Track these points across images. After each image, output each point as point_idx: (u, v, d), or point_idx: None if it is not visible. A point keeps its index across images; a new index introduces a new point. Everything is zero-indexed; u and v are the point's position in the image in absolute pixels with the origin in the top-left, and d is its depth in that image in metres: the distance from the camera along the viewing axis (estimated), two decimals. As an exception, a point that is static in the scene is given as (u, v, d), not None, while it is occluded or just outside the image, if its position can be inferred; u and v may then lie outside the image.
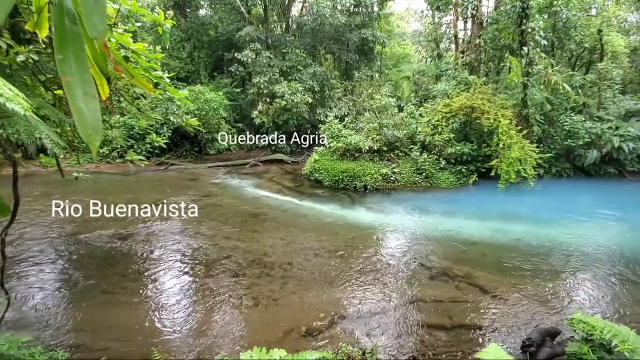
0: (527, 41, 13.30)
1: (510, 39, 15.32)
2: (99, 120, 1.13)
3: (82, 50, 1.18)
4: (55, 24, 1.15)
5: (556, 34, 17.38)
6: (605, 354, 3.65)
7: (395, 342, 4.44)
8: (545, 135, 14.06)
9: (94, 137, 1.11)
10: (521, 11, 13.23)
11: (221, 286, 5.70)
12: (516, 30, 13.85)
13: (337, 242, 7.58)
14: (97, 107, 1.12)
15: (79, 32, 1.16)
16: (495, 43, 16.82)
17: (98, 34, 1.12)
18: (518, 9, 13.32)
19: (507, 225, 8.80)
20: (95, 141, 1.11)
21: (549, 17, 16.97)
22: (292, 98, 16.53)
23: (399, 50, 29.25)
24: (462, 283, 5.84)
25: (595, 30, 18.26)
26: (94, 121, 1.11)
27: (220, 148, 17.68)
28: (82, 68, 1.15)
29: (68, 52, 1.13)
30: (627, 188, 13.09)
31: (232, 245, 7.28)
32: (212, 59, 21.33)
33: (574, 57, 20.49)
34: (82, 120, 1.10)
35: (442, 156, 12.94)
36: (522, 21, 13.29)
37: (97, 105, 1.12)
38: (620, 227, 9.16)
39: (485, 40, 16.82)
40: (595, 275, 6.23)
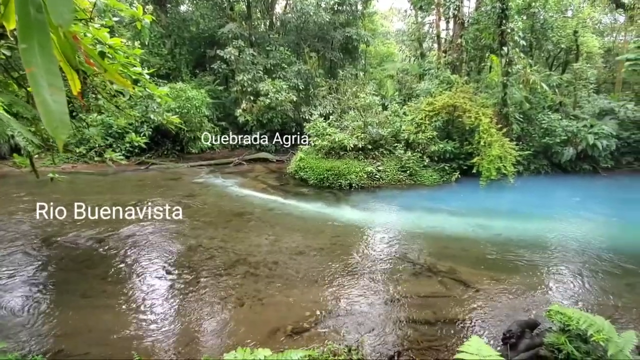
0: (506, 41, 13.64)
1: (490, 39, 15.69)
2: (66, 113, 1.06)
3: (48, 40, 1.12)
4: (19, 12, 1.08)
5: (534, 34, 17.91)
6: (582, 343, 3.78)
7: (380, 338, 4.46)
8: (524, 133, 14.46)
9: (60, 130, 1.04)
10: (501, 12, 13.55)
11: (205, 287, 5.60)
12: (496, 30, 14.18)
13: (322, 240, 7.57)
14: (63, 99, 1.06)
15: (44, 20, 1.10)
16: (476, 43, 17.18)
17: (63, 22, 1.06)
18: (498, 10, 13.64)
19: (489, 221, 9.01)
20: (61, 134, 1.05)
21: (527, 18, 17.44)
22: (277, 96, 16.41)
23: (383, 49, 29.49)
24: (445, 278, 5.93)
25: (571, 32, 18.91)
26: (60, 114, 1.05)
27: (202, 147, 17.35)
28: (47, 58, 1.08)
29: (33, 42, 1.07)
30: (601, 184, 13.63)
31: (216, 246, 7.16)
32: (193, 56, 20.89)
33: (551, 57, 21.17)
34: (48, 112, 1.04)
35: (425, 154, 13.12)
36: (502, 22, 13.61)
37: (64, 98, 1.06)
38: (595, 222, 9.53)
39: (466, 40, 17.16)
40: (572, 268, 6.45)
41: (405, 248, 7.31)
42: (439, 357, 4.14)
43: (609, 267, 6.43)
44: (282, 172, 14.58)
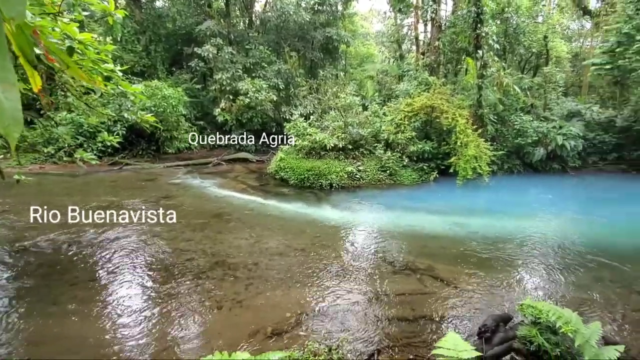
0: (481, 45, 14.08)
1: (466, 42, 16.14)
2: (19, 110, 1.00)
3: (0, 34, 1.04)
4: (-32, 4, 1.00)
5: (507, 39, 18.58)
6: (552, 335, 3.94)
7: (360, 336, 4.48)
8: (498, 134, 14.98)
9: (12, 128, 0.97)
10: (476, 16, 13.97)
11: (181, 291, 5.45)
12: (472, 34, 14.60)
13: (303, 240, 7.54)
14: (16, 96, 0.99)
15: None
16: (453, 46, 17.63)
17: (16, 15, 0.99)
18: (473, 14, 14.05)
19: (465, 219, 9.26)
20: (14, 133, 0.98)
21: (501, 22, 18.07)
22: (256, 96, 16.24)
23: (363, 50, 29.77)
24: (424, 276, 6.04)
25: (541, 37, 19.75)
26: (13, 111, 0.98)
27: (179, 147, 16.90)
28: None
29: (-19, 35, 0.99)
30: (569, 183, 14.31)
31: (193, 248, 6.99)
32: (170, 54, 20.32)
33: (523, 61, 22.04)
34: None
35: (405, 154, 13.34)
36: (477, 26, 14.04)
37: (17, 94, 0.99)
38: (563, 218, 9.99)
39: (443, 42, 17.59)
40: (543, 263, 6.72)
41: (385, 247, 7.39)
42: (418, 353, 4.19)
43: (578, 261, 6.74)
44: (263, 172, 14.44)
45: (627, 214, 10.01)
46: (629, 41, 14.52)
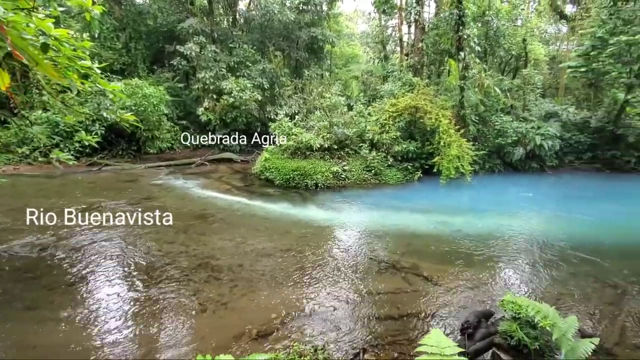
0: (463, 47, 14.36)
1: (449, 44, 16.42)
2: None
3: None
4: None
5: (488, 41, 19.02)
6: (531, 329, 4.05)
7: (346, 336, 4.49)
8: (479, 134, 15.31)
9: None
10: (458, 19, 14.23)
11: (164, 294, 5.32)
12: (454, 36, 14.87)
13: (288, 241, 7.51)
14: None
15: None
16: (436, 47, 17.91)
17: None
18: (455, 17, 14.32)
19: (449, 217, 9.41)
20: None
21: (482, 25, 18.51)
22: (241, 95, 16.06)
23: (348, 51, 29.94)
24: (408, 274, 6.10)
25: (520, 39, 20.33)
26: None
27: (161, 147, 16.53)
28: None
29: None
30: (548, 181, 14.79)
31: (176, 250, 6.85)
32: (151, 51, 19.84)
33: (503, 63, 22.62)
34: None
35: (389, 154, 13.46)
36: (459, 28, 14.31)
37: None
38: (543, 216, 10.31)
39: (427, 44, 17.85)
40: (523, 259, 6.91)
41: (370, 246, 7.44)
42: (402, 351, 4.23)
43: (556, 257, 6.96)
44: (247, 172, 14.29)
45: (603, 211, 10.43)
46: (602, 45, 15.12)
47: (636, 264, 6.73)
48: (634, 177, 15.13)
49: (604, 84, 17.52)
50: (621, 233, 8.46)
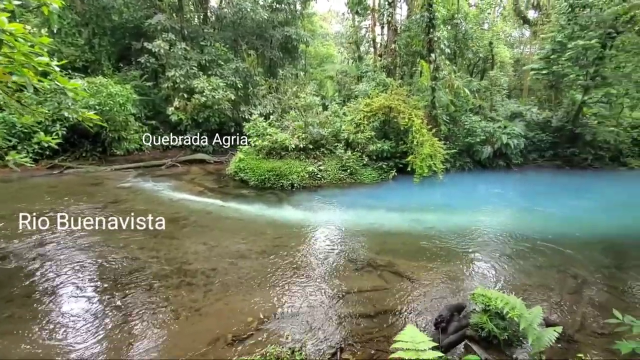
0: (434, 49, 14.77)
1: (420, 45, 16.85)
2: None
3: None
4: None
5: (457, 43, 19.69)
6: (500, 320, 4.21)
7: (323, 336, 4.47)
8: (450, 133, 15.81)
9: None
10: (429, 21, 14.63)
11: (133, 302, 5.08)
12: (425, 38, 15.28)
13: (264, 242, 7.40)
14: None
15: None
16: (408, 49, 18.31)
17: None
18: (426, 19, 14.71)
19: (422, 215, 9.64)
20: None
21: (451, 28, 19.11)
22: (213, 94, 15.67)
23: (323, 50, 30.02)
24: (384, 272, 6.18)
25: (487, 42, 21.21)
26: None
27: (129, 148, 15.77)
28: None
29: None
30: (514, 178, 15.51)
31: (146, 256, 6.56)
32: (116, 48, 18.93)
33: (472, 65, 23.48)
34: None
35: (364, 153, 13.60)
36: (430, 30, 14.71)
37: None
38: (509, 211, 10.80)
39: (399, 45, 18.21)
40: (493, 253, 7.19)
41: (346, 245, 7.47)
42: (379, 348, 4.27)
43: (522, 250, 7.30)
44: (221, 173, 13.97)
45: (563, 206, 11.07)
46: (561, 49, 16.05)
47: (594, 254, 7.19)
48: (590, 173, 16.21)
49: (564, 86, 18.62)
50: (580, 226, 9.01)
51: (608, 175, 15.98)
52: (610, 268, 6.50)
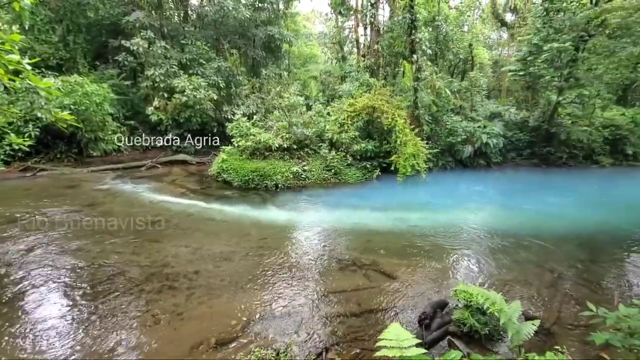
0: (416, 50, 15.00)
1: (402, 46, 17.08)
2: None
3: None
4: None
5: (438, 45, 20.08)
6: (481, 316, 4.30)
7: (309, 337, 4.45)
8: (432, 133, 16.09)
9: None
10: (410, 22, 14.85)
11: (112, 308, 4.91)
12: (407, 39, 15.50)
13: (248, 244, 7.31)
14: None
15: None
16: (391, 49, 18.53)
17: None
18: (408, 20, 14.92)
19: (406, 214, 9.76)
20: None
21: (432, 30, 19.48)
22: (194, 94, 15.37)
23: (306, 50, 30.00)
24: (369, 271, 6.21)
25: (467, 44, 21.72)
26: None
27: (106, 149, 15.27)
28: None
29: None
30: (493, 176, 15.92)
31: (125, 260, 6.36)
32: (93, 46, 18.30)
33: (452, 66, 24.00)
34: None
35: (348, 153, 13.66)
36: (412, 31, 14.93)
37: None
38: (489, 208, 11.06)
39: (382, 46, 18.40)
40: (474, 250, 7.34)
41: (331, 245, 7.47)
42: (364, 347, 4.28)
43: (502, 246, 7.49)
44: (203, 174, 13.73)
45: (540, 202, 11.45)
46: (537, 51, 16.59)
47: (570, 249, 7.46)
48: (565, 171, 16.85)
49: (540, 87, 19.26)
50: (556, 222, 9.34)
51: (581, 173, 16.64)
52: (585, 262, 6.75)
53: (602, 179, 16.07)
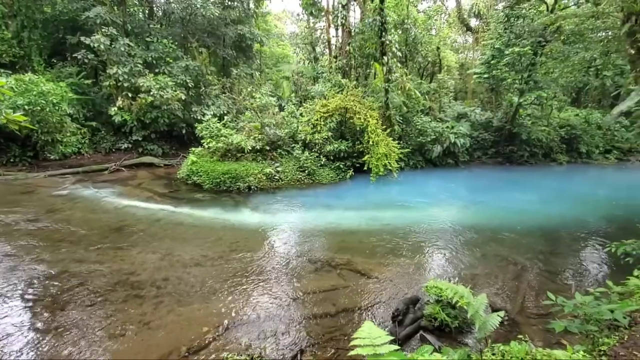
0: (386, 51, 15.28)
1: (373, 48, 17.35)
2: None
3: None
4: None
5: (408, 47, 20.60)
6: (451, 309, 4.43)
7: (284, 339, 4.39)
8: (404, 133, 16.48)
9: None
10: (381, 25, 15.11)
11: (73, 320, 4.60)
12: (378, 41, 15.76)
13: (220, 248, 7.12)
14: None
15: None
16: (362, 51, 18.78)
17: None
18: (378, 23, 15.17)
19: (379, 213, 9.91)
20: None
21: (402, 32, 19.94)
22: (161, 93, 14.79)
23: (278, 51, 29.77)
24: (343, 270, 6.23)
25: (435, 47, 22.43)
26: None
27: (65, 152, 14.36)
28: None
29: None
30: (461, 175, 16.54)
31: (87, 269, 6.00)
32: (49, 42, 17.15)
33: (421, 68, 24.72)
34: None
35: (322, 154, 13.69)
36: (382, 34, 15.20)
37: None
38: (458, 205, 11.46)
39: (353, 47, 18.60)
40: (444, 246, 7.57)
41: (306, 246, 7.43)
42: (340, 347, 4.27)
43: (470, 242, 7.78)
44: (172, 177, 13.24)
45: (504, 199, 12.06)
46: (500, 55, 17.42)
47: (532, 242, 7.88)
48: (527, 169, 17.84)
49: (502, 89, 20.26)
50: (519, 216, 9.84)
51: (541, 170, 17.68)
52: (545, 254, 7.14)
53: (559, 175, 17.15)
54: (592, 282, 5.92)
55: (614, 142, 20.91)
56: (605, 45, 9.03)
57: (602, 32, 9.16)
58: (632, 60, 5.93)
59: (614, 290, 3.87)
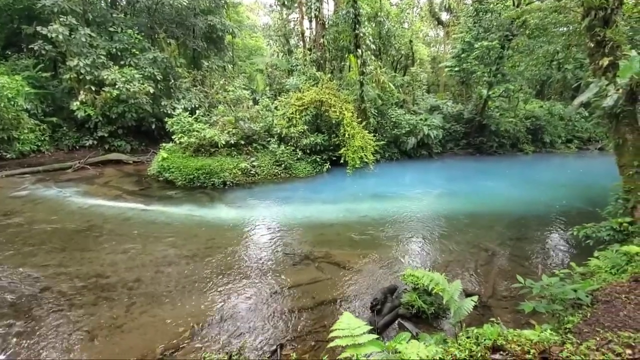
0: (360, 44, 15.30)
1: (347, 40, 17.31)
2: None
3: None
4: None
5: (381, 40, 20.72)
6: (427, 297, 4.54)
7: (263, 335, 4.35)
8: (379, 126, 16.66)
9: None
10: (354, 17, 15.08)
11: (38, 328, 4.33)
12: (352, 33, 15.73)
13: (195, 245, 6.93)
14: None
15: None
16: (336, 43, 18.68)
17: None
18: (352, 15, 15.13)
19: (356, 205, 9.99)
20: None
21: (376, 25, 20.01)
22: (127, 87, 14.06)
23: (251, 42, 29.12)
24: (322, 263, 6.24)
25: (408, 40, 22.69)
26: None
27: (23, 150, 13.42)
28: None
29: None
30: (435, 166, 16.98)
31: (51, 273, 5.66)
32: (3, 33, 15.89)
33: (395, 61, 24.96)
34: None
35: (298, 147, 13.59)
36: (356, 26, 15.18)
37: None
38: (432, 195, 11.76)
39: (328, 40, 18.46)
40: (419, 236, 7.75)
41: (283, 241, 7.38)
42: (319, 339, 4.28)
43: (444, 230, 8.02)
44: (142, 174, 12.71)
45: (476, 187, 12.52)
46: (469, 48, 17.89)
47: (501, 228, 8.23)
48: (496, 159, 18.59)
49: (472, 82, 20.87)
50: (490, 203, 10.25)
51: (509, 160, 18.47)
52: (514, 239, 7.48)
53: (526, 164, 18.00)
54: (558, 264, 6.25)
55: (575, 132, 22.18)
56: (567, 39, 9.45)
57: (564, 26, 9.56)
58: (591, 53, 6.24)
59: (576, 271, 4.10)
